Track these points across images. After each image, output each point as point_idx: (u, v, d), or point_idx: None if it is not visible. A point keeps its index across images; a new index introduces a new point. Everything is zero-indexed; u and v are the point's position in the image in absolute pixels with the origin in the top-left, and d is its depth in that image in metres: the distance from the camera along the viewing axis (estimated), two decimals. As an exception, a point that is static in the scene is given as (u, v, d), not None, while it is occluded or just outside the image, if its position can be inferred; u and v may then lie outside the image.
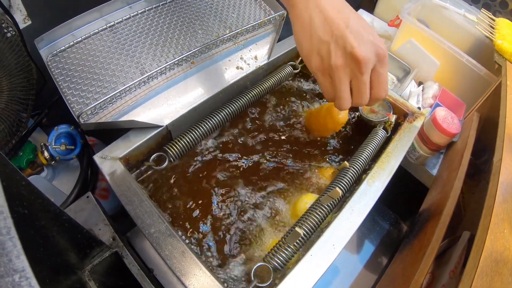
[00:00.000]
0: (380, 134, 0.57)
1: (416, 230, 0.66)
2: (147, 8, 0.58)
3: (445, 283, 0.52)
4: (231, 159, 0.58)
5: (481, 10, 0.91)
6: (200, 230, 0.49)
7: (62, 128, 0.62)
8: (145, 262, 0.54)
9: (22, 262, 0.19)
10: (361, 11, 1.12)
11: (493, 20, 0.88)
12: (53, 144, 0.60)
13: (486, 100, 0.78)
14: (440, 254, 0.60)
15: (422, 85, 0.89)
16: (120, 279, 0.55)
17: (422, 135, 0.72)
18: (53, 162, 0.61)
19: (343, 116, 0.59)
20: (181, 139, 0.52)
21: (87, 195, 0.55)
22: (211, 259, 0.47)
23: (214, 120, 0.55)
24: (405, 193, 0.89)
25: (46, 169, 0.64)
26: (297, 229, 0.39)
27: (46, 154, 0.60)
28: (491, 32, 0.84)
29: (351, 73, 0.39)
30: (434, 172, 0.78)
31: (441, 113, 0.70)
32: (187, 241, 0.47)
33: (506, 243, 0.42)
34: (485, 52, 0.86)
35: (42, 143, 0.60)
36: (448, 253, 0.59)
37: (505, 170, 0.49)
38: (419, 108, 0.84)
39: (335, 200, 0.45)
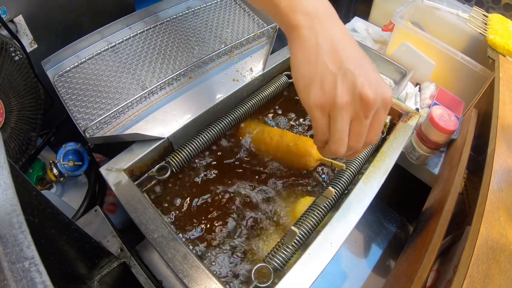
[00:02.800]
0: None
1: (419, 229, 0.66)
2: (145, 28, 0.62)
3: (450, 279, 0.52)
4: (231, 167, 0.59)
5: (473, 7, 0.93)
6: (202, 235, 0.51)
7: (70, 146, 0.65)
8: (154, 274, 0.56)
9: (32, 251, 0.21)
10: (356, 18, 1.14)
11: (486, 16, 0.90)
12: (61, 161, 0.63)
13: (483, 95, 0.79)
14: (445, 250, 0.60)
15: (418, 86, 0.90)
16: (129, 290, 0.56)
17: (420, 135, 0.73)
18: (62, 178, 0.64)
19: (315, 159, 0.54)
20: (182, 150, 0.55)
21: (95, 208, 0.57)
22: (212, 261, 0.48)
23: (213, 131, 0.57)
24: (410, 195, 0.89)
25: (55, 185, 0.66)
26: (292, 228, 0.40)
27: (55, 171, 0.62)
28: (484, 29, 0.85)
29: (353, 114, 0.35)
30: (436, 171, 0.78)
31: (438, 111, 0.70)
32: (190, 245, 0.49)
33: (502, 230, 0.42)
34: (480, 49, 0.87)
35: (51, 161, 0.63)
36: (453, 249, 0.59)
37: (498, 159, 0.50)
38: (417, 109, 0.85)
39: (330, 199, 0.46)
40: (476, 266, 0.38)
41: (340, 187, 0.49)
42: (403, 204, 0.85)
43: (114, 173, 0.50)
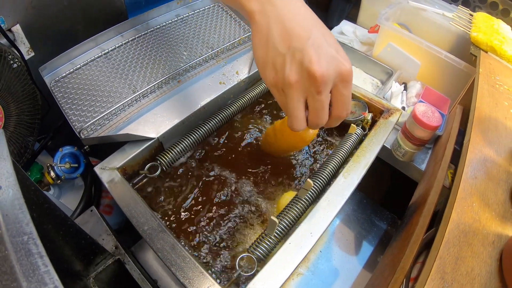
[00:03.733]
0: (357, 132, 0.61)
1: (404, 223, 0.68)
2: (136, 36, 0.65)
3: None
4: (220, 164, 0.62)
5: (459, 7, 0.96)
6: (190, 227, 0.53)
7: (67, 149, 0.67)
8: (149, 273, 0.58)
9: (30, 228, 0.25)
10: (344, 21, 1.17)
11: (471, 15, 0.93)
12: (58, 164, 0.65)
13: (467, 92, 0.81)
14: (430, 243, 0.62)
15: (403, 85, 0.93)
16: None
17: (405, 132, 0.75)
18: (59, 181, 0.66)
19: (311, 132, 0.54)
20: (171, 149, 0.57)
21: (91, 209, 0.59)
22: (200, 252, 0.50)
23: (201, 131, 0.60)
24: (399, 192, 0.91)
25: (53, 188, 0.69)
26: (272, 218, 0.42)
27: (52, 173, 0.65)
28: (468, 27, 0.88)
29: (306, 91, 0.35)
30: (423, 167, 0.80)
31: (421, 108, 0.73)
32: (178, 237, 0.51)
33: (475, 215, 0.44)
34: (466, 47, 0.89)
35: (48, 164, 0.65)
36: (437, 241, 0.60)
37: (473, 149, 0.52)
38: (403, 108, 0.88)
39: (311, 192, 0.48)
40: (447, 249, 0.40)
41: (320, 180, 0.51)
42: (393, 202, 0.87)
43: (108, 171, 0.52)
